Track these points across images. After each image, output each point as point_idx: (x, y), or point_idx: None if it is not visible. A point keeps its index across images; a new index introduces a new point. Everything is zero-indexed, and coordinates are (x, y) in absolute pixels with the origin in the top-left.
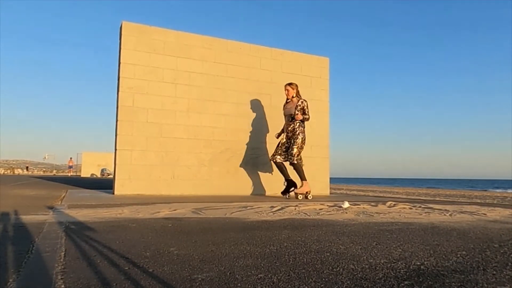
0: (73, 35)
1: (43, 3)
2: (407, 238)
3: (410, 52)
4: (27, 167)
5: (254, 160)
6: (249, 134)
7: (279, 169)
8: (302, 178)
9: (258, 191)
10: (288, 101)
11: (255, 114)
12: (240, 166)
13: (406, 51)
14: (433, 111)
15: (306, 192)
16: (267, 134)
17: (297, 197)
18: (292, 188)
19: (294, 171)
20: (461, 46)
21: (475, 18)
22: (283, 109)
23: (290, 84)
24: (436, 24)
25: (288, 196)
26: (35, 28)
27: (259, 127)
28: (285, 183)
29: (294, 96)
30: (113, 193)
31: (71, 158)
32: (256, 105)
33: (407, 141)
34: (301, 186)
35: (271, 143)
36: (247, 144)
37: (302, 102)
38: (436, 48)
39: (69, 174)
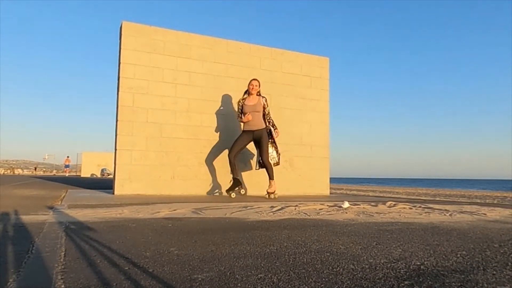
0: (73, 35)
1: (43, 3)
2: (407, 238)
3: (410, 51)
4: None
5: (255, 160)
6: None
7: (233, 167)
8: (272, 177)
9: (258, 191)
10: (245, 97)
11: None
12: (240, 166)
13: (407, 50)
14: (434, 111)
15: (274, 192)
16: None
17: (269, 196)
18: (238, 188)
19: (266, 169)
20: (462, 46)
21: (479, 17)
22: (243, 104)
23: (256, 79)
24: (438, 22)
25: (233, 195)
26: (35, 28)
27: None
28: (232, 181)
29: (258, 92)
30: (113, 193)
31: (68, 157)
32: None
33: (407, 141)
34: (271, 186)
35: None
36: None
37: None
38: (437, 47)
39: (66, 174)
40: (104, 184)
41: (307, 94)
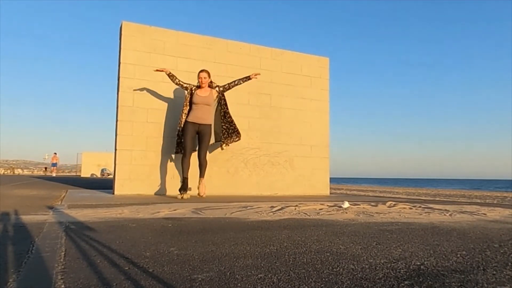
0: (73, 35)
1: (43, 3)
2: (407, 238)
3: (411, 51)
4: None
5: (255, 160)
6: (249, 134)
7: (186, 166)
8: (203, 175)
9: (258, 191)
10: (195, 88)
11: (255, 114)
12: (240, 166)
13: (407, 49)
14: (434, 111)
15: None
16: (267, 134)
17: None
18: (190, 187)
19: (199, 167)
20: (462, 44)
21: (476, 15)
22: (194, 93)
23: (205, 71)
24: (436, 21)
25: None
26: (36, 27)
27: (259, 127)
28: (184, 181)
29: (209, 84)
30: (113, 193)
31: (55, 154)
32: (256, 105)
33: (407, 141)
34: (201, 185)
35: (272, 143)
36: (247, 144)
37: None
38: (437, 46)
39: (53, 174)
40: (104, 184)
41: (307, 94)
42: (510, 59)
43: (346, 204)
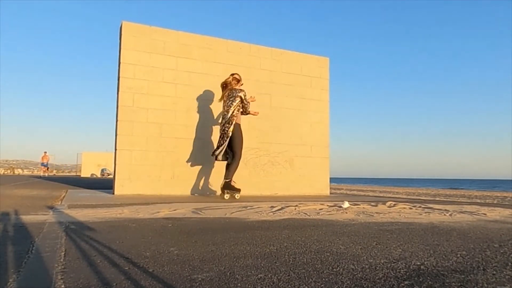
0: (73, 35)
1: (43, 2)
2: (407, 238)
3: (411, 51)
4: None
5: (255, 160)
6: (249, 134)
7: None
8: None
9: (258, 191)
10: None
11: None
12: (240, 166)
13: (407, 49)
14: (434, 112)
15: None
16: (267, 134)
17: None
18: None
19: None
20: (462, 43)
21: (476, 15)
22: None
23: (236, 74)
24: (435, 21)
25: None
26: (35, 27)
27: (259, 127)
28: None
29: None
30: (113, 193)
31: (45, 153)
32: (256, 105)
33: (407, 141)
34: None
35: (272, 143)
36: (247, 144)
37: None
38: (436, 46)
39: (42, 173)
40: (104, 184)
41: (307, 94)
42: (509, 59)
43: (346, 204)
